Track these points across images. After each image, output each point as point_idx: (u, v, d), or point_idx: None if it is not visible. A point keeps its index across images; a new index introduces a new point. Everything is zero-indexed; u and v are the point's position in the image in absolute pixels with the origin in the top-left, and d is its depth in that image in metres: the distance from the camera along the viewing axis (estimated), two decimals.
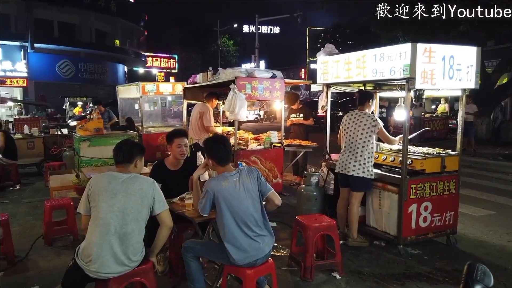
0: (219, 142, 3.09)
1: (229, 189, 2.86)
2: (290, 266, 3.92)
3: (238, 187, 2.88)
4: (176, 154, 3.82)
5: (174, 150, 3.81)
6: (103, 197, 2.72)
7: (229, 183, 2.88)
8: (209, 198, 2.88)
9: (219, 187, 2.87)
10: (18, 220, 5.52)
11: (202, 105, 6.64)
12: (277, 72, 6.11)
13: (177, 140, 3.80)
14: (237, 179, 2.90)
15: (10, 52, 20.80)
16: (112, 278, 2.70)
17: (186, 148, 3.87)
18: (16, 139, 8.80)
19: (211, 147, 3.07)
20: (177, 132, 3.96)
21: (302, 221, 3.79)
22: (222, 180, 2.90)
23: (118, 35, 28.61)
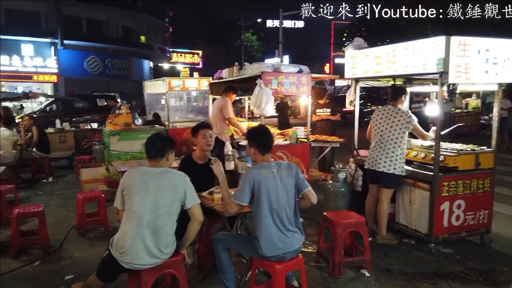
0: (262, 130, 3.13)
1: (268, 178, 2.85)
2: (318, 262, 3.91)
3: (276, 179, 2.87)
4: (202, 146, 3.87)
5: (200, 141, 3.86)
6: (136, 191, 2.78)
7: (268, 172, 2.88)
8: (250, 185, 2.85)
9: (260, 175, 2.85)
10: (52, 211, 5.71)
11: (221, 99, 6.67)
12: (303, 67, 6.04)
13: (202, 131, 3.86)
14: (276, 170, 2.89)
15: (41, 49, 21.43)
16: (145, 269, 2.77)
17: (211, 139, 3.91)
18: (49, 133, 9.10)
19: (255, 135, 3.08)
20: (201, 124, 4.05)
21: (330, 217, 3.77)
22: (262, 169, 2.90)
23: (144, 31, 29.02)
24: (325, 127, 7.24)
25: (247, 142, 3.12)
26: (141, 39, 28.79)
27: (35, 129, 8.07)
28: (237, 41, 37.97)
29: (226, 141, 4.00)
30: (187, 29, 37.22)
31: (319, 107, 7.34)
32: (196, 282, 3.49)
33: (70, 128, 9.88)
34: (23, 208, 4.48)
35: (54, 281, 3.58)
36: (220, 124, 6.36)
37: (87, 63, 23.64)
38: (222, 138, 6.26)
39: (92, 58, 23.83)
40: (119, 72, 25.78)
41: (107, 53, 25.25)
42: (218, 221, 3.83)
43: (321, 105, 7.33)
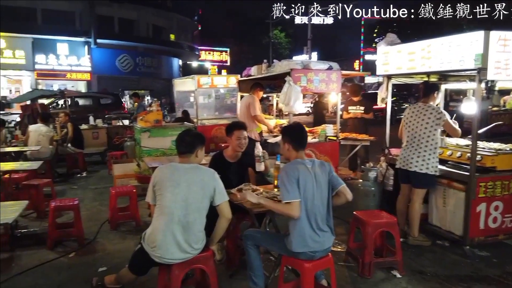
0: (298, 127, 3.11)
1: (304, 174, 2.82)
2: (347, 262, 3.85)
3: (310, 175, 2.83)
4: (235, 147, 3.86)
5: (233, 142, 3.85)
6: (167, 187, 2.81)
7: (304, 168, 2.84)
8: (295, 181, 2.77)
9: (298, 171, 2.82)
10: (86, 205, 5.89)
11: (248, 96, 6.67)
12: (333, 64, 5.96)
13: (237, 132, 3.83)
14: (310, 167, 2.86)
15: (76, 48, 22.19)
16: (175, 264, 2.81)
17: (245, 141, 3.89)
18: (82, 129, 9.40)
19: (290, 132, 3.07)
20: (236, 125, 3.99)
21: (360, 216, 3.70)
22: (298, 164, 2.87)
23: (174, 30, 29.49)
24: (357, 125, 7.05)
25: (281, 138, 3.10)
26: (170, 38, 29.25)
27: (70, 125, 8.35)
28: (265, 38, 37.92)
29: (256, 142, 3.96)
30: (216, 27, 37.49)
31: (352, 104, 7.15)
32: (225, 278, 3.51)
33: (102, 125, 10.17)
34: (59, 201, 4.65)
35: (88, 272, 3.69)
36: (248, 121, 6.35)
37: (119, 61, 24.26)
38: (251, 136, 6.27)
39: (123, 56, 24.44)
40: (149, 70, 26.32)
41: (138, 51, 25.82)
42: (246, 218, 3.85)
43: (354, 102, 7.14)
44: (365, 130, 6.96)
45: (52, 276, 3.64)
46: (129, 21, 26.15)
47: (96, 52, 22.85)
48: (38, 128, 7.42)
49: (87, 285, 3.39)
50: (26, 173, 6.02)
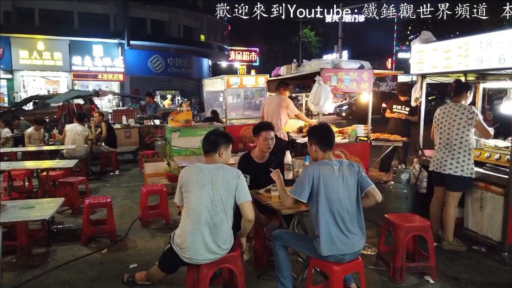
0: (325, 127, 3.10)
1: (328, 176, 2.78)
2: (378, 265, 3.76)
3: (337, 176, 2.79)
4: (262, 147, 3.85)
5: (260, 143, 3.84)
6: (193, 188, 2.83)
7: (329, 170, 2.81)
8: (309, 181, 2.79)
9: (319, 172, 2.79)
10: (118, 202, 6.05)
11: (278, 96, 6.60)
12: (365, 63, 5.84)
13: (264, 133, 3.82)
14: (337, 168, 2.82)
15: (110, 49, 22.84)
16: (204, 263, 2.84)
17: (272, 142, 3.87)
18: (116, 129, 9.66)
19: (317, 132, 3.06)
20: (264, 125, 3.97)
21: (392, 220, 3.60)
22: (322, 166, 2.84)
23: (204, 30, 29.80)
24: (399, 126, 6.66)
25: (308, 139, 3.07)
26: (201, 38, 29.60)
27: (104, 125, 8.61)
28: (295, 37, 37.69)
29: (286, 151, 3.89)
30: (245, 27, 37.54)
31: (398, 103, 6.80)
32: (252, 278, 3.51)
33: (135, 124, 10.42)
34: (93, 199, 4.79)
35: (119, 268, 3.78)
36: (277, 121, 6.34)
37: (151, 62, 24.78)
38: (280, 136, 6.28)
39: (155, 57, 24.94)
40: (179, 71, 26.74)
41: (169, 52, 26.27)
42: (275, 218, 3.83)
43: (400, 102, 6.76)
44: (408, 132, 6.58)
45: (86, 271, 3.75)
46: (161, 22, 26.65)
47: (129, 53, 23.44)
48: (74, 127, 7.69)
49: (118, 280, 3.49)
50: (62, 171, 6.25)
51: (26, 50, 20.51)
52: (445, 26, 21.07)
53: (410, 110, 6.60)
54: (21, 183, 6.14)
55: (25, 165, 5.66)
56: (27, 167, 5.58)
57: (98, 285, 3.49)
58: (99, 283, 3.52)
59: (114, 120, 12.25)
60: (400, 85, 6.31)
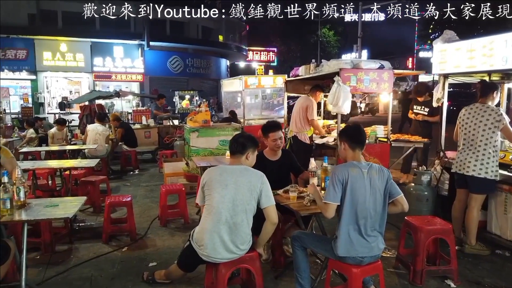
0: (356, 126, 3.07)
1: (356, 177, 2.75)
2: (397, 268, 3.71)
3: (365, 179, 2.76)
4: (272, 147, 3.93)
5: (270, 143, 3.92)
6: (216, 188, 2.87)
7: (357, 172, 2.77)
8: (339, 183, 2.75)
9: (347, 174, 2.76)
10: (137, 201, 6.14)
11: (306, 98, 6.56)
12: (385, 63, 5.75)
13: (272, 134, 3.88)
14: (366, 171, 2.78)
15: (130, 50, 23.17)
16: (222, 262, 2.86)
17: (281, 141, 3.92)
18: (135, 129, 9.82)
19: (347, 130, 3.04)
20: (271, 126, 3.99)
21: (412, 222, 3.54)
22: (350, 167, 2.81)
23: (222, 31, 29.93)
24: (419, 127, 6.56)
25: (339, 138, 3.07)
26: (219, 39, 29.73)
27: (120, 131, 8.68)
28: (313, 37, 37.46)
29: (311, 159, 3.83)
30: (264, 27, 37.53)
31: (417, 104, 6.70)
32: (270, 279, 3.51)
33: (154, 125, 10.56)
34: (114, 197, 4.88)
35: (139, 266, 3.84)
36: (301, 123, 6.23)
37: (170, 63, 25.02)
38: (300, 138, 6.17)
39: (174, 58, 25.17)
40: (198, 71, 26.91)
41: (188, 52, 26.46)
42: (292, 219, 3.83)
43: (419, 103, 6.68)
44: (428, 133, 6.46)
45: (107, 268, 3.82)
46: (180, 23, 26.86)
47: (149, 54, 23.72)
48: (95, 127, 7.85)
49: (138, 278, 3.55)
50: (84, 170, 6.39)
51: (50, 51, 21.00)
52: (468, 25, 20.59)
53: (429, 110, 6.47)
54: (45, 181, 6.30)
55: (49, 164, 5.80)
56: (50, 166, 5.72)
57: (118, 283, 3.55)
58: (119, 281, 3.58)
59: (134, 120, 12.45)
60: (415, 85, 6.15)
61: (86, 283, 3.54)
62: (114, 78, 22.80)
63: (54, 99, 21.24)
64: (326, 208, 2.81)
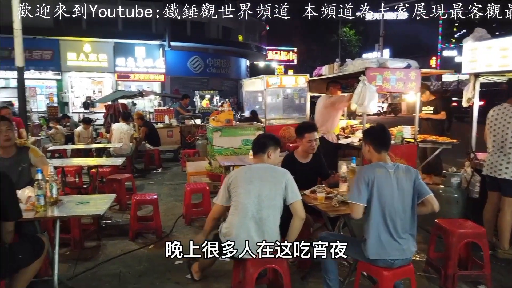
0: (380, 127, 3.01)
1: (383, 179, 2.70)
2: (427, 272, 3.63)
3: (392, 180, 2.71)
4: (306, 149, 3.84)
5: (304, 144, 3.83)
6: (241, 184, 2.92)
7: (384, 173, 2.72)
8: (365, 184, 2.70)
9: (373, 174, 2.71)
10: (162, 200, 6.17)
11: (326, 97, 6.47)
12: (412, 62, 5.64)
13: (308, 135, 3.81)
14: (392, 171, 2.73)
15: (152, 51, 23.47)
16: (249, 260, 2.85)
17: (316, 143, 3.85)
18: (158, 128, 9.94)
19: (372, 132, 3.01)
20: (307, 126, 3.94)
21: (444, 225, 3.46)
22: (377, 168, 2.76)
23: (242, 31, 29.99)
24: (427, 127, 6.52)
25: (363, 139, 3.03)
26: (239, 39, 29.81)
27: (143, 130, 8.78)
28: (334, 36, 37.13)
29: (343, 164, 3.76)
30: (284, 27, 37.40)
31: (424, 105, 6.67)
32: (296, 279, 3.48)
33: (176, 124, 10.67)
34: (140, 195, 4.95)
35: (165, 264, 3.87)
36: (325, 123, 6.05)
37: (190, 63, 25.24)
38: (328, 138, 5.98)
39: (194, 58, 25.38)
40: (218, 71, 27.06)
41: (208, 53, 26.63)
42: (319, 220, 3.79)
43: (424, 103, 6.67)
44: (440, 132, 6.37)
45: (134, 265, 3.88)
46: (201, 23, 27.06)
47: (170, 54, 23.97)
48: (120, 126, 7.98)
49: (165, 276, 3.60)
50: (109, 168, 6.50)
51: (74, 52, 21.48)
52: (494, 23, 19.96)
53: (434, 108, 6.53)
54: (73, 179, 6.44)
55: (76, 162, 5.93)
56: (78, 164, 5.84)
57: (146, 279, 3.59)
58: (147, 278, 3.62)
59: (156, 119, 12.61)
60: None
61: (114, 280, 3.60)
62: (136, 78, 23.15)
63: (78, 98, 21.69)
64: (352, 208, 2.76)
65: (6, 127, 3.41)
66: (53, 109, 17.61)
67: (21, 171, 3.56)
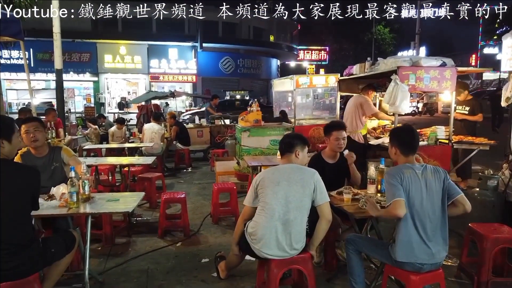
0: (407, 129, 2.91)
1: (410, 179, 2.62)
2: (459, 278, 3.49)
3: (420, 181, 2.62)
4: (333, 147, 3.79)
5: (331, 142, 3.78)
6: (268, 185, 2.90)
7: (412, 173, 2.64)
8: (399, 183, 2.60)
9: (402, 174, 2.63)
10: (190, 198, 6.29)
11: (359, 96, 6.38)
12: (447, 60, 5.42)
13: (335, 133, 3.76)
14: (420, 172, 2.65)
15: (184, 52, 23.93)
16: (274, 261, 2.85)
17: (344, 141, 3.80)
18: (189, 128, 10.10)
19: (399, 134, 2.92)
20: (335, 125, 3.91)
21: (477, 229, 3.31)
22: (404, 169, 2.68)
23: (273, 31, 29.98)
24: (460, 128, 6.23)
25: (389, 141, 2.94)
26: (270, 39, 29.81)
27: (174, 129, 8.95)
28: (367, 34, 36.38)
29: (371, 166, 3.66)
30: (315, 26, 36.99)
31: (459, 104, 6.42)
32: (322, 281, 3.45)
33: (206, 124, 10.81)
34: (169, 194, 5.04)
35: (192, 262, 3.95)
36: (355, 122, 6.08)
37: (221, 64, 25.53)
38: (354, 138, 6.00)
39: (226, 58, 25.65)
40: (249, 71, 27.20)
41: (239, 53, 26.83)
42: (345, 222, 3.73)
43: (461, 102, 6.41)
44: (472, 135, 6.07)
45: (162, 262, 3.96)
46: (232, 24, 27.26)
47: (201, 55, 24.34)
48: (151, 126, 8.18)
49: (192, 273, 3.66)
50: (141, 167, 6.67)
51: (110, 54, 22.26)
52: None
53: (470, 109, 6.24)
54: (106, 177, 6.66)
55: (108, 161, 6.12)
56: (110, 162, 6.04)
57: (173, 277, 3.66)
58: (174, 275, 3.69)
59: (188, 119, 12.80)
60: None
61: (143, 275, 3.68)
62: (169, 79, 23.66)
63: (114, 99, 22.48)
64: (394, 206, 2.56)
65: (33, 128, 3.57)
66: (90, 110, 18.30)
67: (53, 170, 3.72)
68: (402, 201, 2.57)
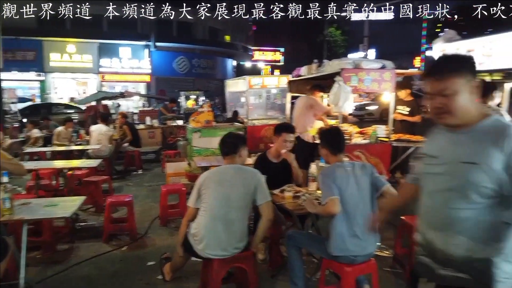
0: (334, 131, 3.11)
1: (342, 177, 2.77)
2: (394, 268, 3.70)
3: (350, 178, 2.78)
4: (279, 147, 3.89)
5: (279, 143, 3.88)
6: (211, 186, 2.94)
7: (343, 171, 2.80)
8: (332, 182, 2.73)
9: (334, 174, 2.79)
10: (139, 201, 6.17)
11: (307, 97, 6.53)
12: (387, 62, 5.74)
13: (285, 135, 3.86)
14: (350, 169, 2.81)
15: (137, 51, 23.34)
16: (217, 260, 2.89)
17: (291, 145, 3.90)
18: (139, 129, 9.89)
19: (326, 136, 3.07)
20: (287, 127, 4.03)
21: (409, 222, 3.52)
22: (335, 168, 2.84)
23: (229, 31, 29.97)
24: (400, 128, 6.51)
25: (319, 143, 3.09)
26: (226, 39, 29.77)
27: (126, 128, 8.76)
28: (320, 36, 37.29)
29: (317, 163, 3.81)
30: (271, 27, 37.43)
31: (400, 103, 6.66)
32: (266, 278, 3.53)
33: (158, 125, 10.64)
34: (114, 197, 4.94)
35: (138, 265, 3.89)
36: (301, 122, 6.17)
37: (176, 63, 25.15)
38: (303, 138, 6.09)
39: (181, 58, 25.30)
40: (204, 71, 27.01)
41: (195, 53, 26.56)
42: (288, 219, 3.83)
43: (402, 102, 6.66)
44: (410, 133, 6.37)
45: (107, 267, 3.87)
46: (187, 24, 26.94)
47: (155, 54, 23.86)
48: (99, 127, 7.92)
49: (136, 276, 3.61)
50: (87, 170, 6.45)
51: (58, 52, 21.26)
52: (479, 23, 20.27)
53: (410, 110, 6.50)
54: (48, 181, 6.38)
55: (52, 165, 5.88)
56: (53, 166, 5.79)
57: (117, 281, 3.60)
58: (118, 279, 3.63)
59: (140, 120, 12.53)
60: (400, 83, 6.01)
61: (85, 282, 3.59)
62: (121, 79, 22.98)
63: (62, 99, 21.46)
64: (329, 205, 2.69)
65: None
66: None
67: None
68: (337, 199, 2.71)
